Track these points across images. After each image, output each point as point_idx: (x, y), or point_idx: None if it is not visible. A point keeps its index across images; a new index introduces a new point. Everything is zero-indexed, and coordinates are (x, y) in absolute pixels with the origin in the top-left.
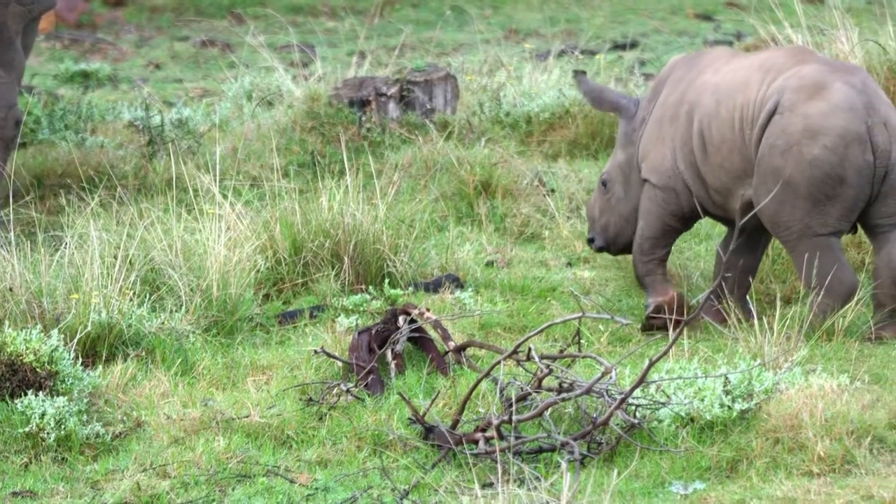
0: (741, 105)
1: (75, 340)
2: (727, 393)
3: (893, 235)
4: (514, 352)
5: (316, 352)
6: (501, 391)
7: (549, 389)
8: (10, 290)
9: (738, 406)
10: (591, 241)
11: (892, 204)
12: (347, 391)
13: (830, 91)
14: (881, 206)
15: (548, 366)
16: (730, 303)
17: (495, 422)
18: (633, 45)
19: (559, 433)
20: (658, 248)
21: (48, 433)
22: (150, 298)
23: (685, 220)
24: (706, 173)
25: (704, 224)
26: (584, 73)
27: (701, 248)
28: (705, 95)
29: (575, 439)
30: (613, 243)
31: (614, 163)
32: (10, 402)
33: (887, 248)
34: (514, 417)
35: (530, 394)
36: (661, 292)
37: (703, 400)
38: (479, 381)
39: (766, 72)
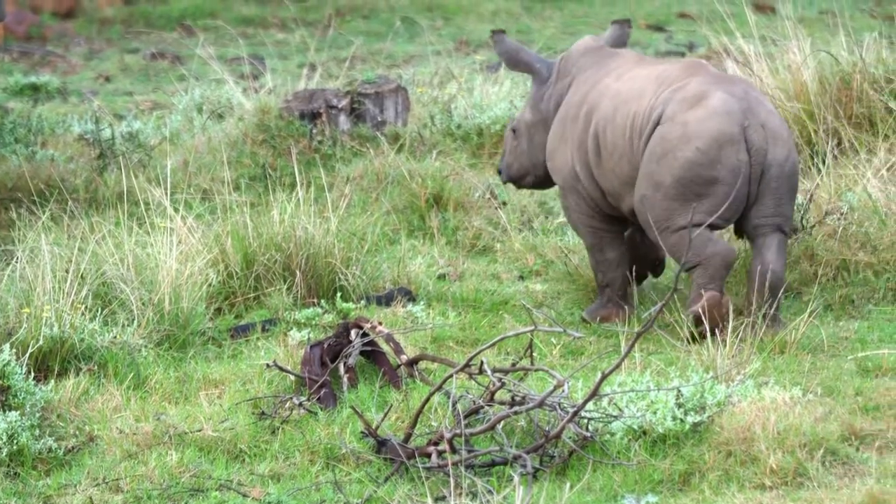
0: (633, 114)
1: (27, 355)
2: (679, 406)
3: (769, 240)
4: (467, 365)
5: (268, 365)
6: (454, 404)
7: (502, 403)
8: None
9: (690, 419)
10: (499, 171)
11: (769, 205)
12: (300, 405)
13: (709, 100)
14: (759, 206)
15: (500, 379)
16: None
17: (448, 435)
18: None
19: (512, 446)
20: (604, 252)
21: (0, 448)
22: (101, 312)
23: (608, 219)
24: (599, 176)
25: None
26: (502, 31)
27: None
28: (605, 100)
29: (527, 452)
30: (515, 182)
31: (523, 118)
32: None
33: (762, 255)
34: (467, 431)
35: (483, 407)
36: (598, 313)
37: (655, 413)
38: (431, 395)
39: (660, 84)
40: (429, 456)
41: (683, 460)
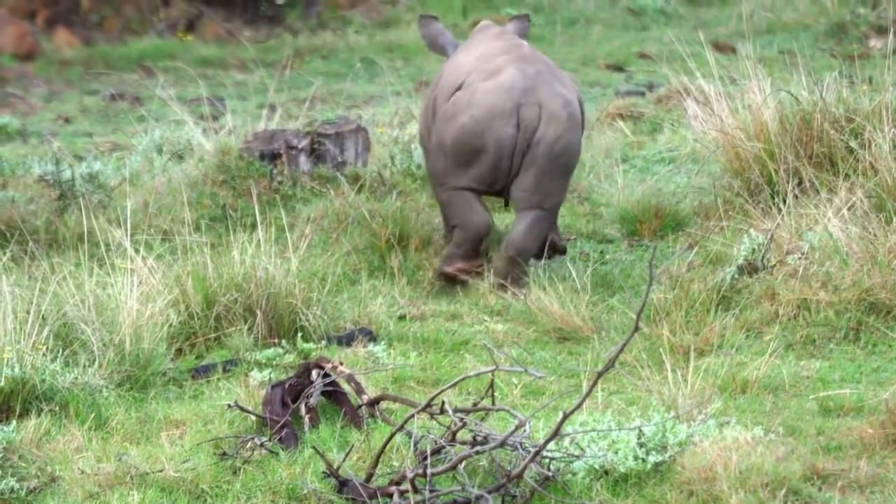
0: (454, 83)
1: None
2: (641, 445)
3: (524, 216)
4: (428, 405)
5: (229, 406)
6: (415, 444)
7: (464, 442)
8: None
9: (652, 458)
10: None
11: (531, 179)
12: (261, 445)
13: (502, 74)
14: (522, 178)
15: (462, 419)
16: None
17: (409, 475)
18: None
19: (473, 486)
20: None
21: None
22: (63, 353)
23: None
24: (433, 135)
25: (618, 275)
26: (433, 17)
27: (613, 301)
28: (447, 68)
29: (489, 492)
30: None
31: None
32: None
33: (513, 229)
34: (429, 471)
35: (444, 447)
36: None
37: (617, 452)
38: (392, 435)
39: (479, 59)
40: (391, 496)
41: (645, 500)
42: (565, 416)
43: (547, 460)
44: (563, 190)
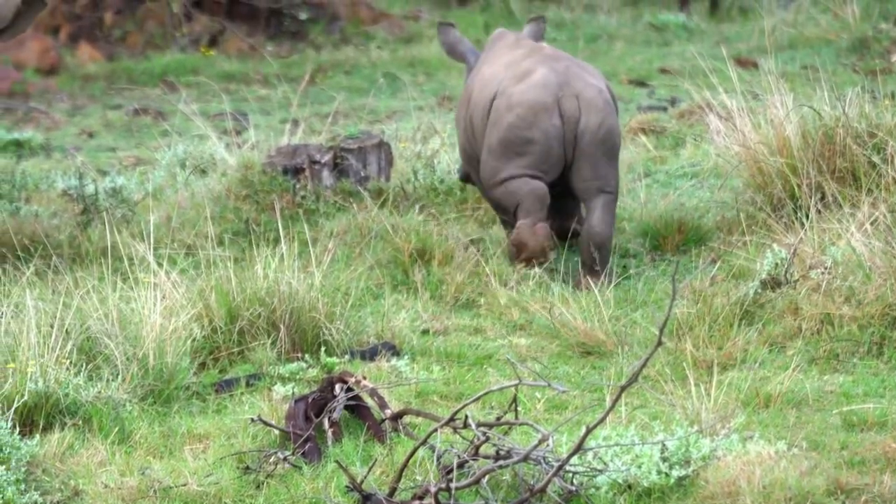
0: (487, 97)
1: (12, 410)
2: (664, 460)
3: (593, 204)
4: (451, 419)
5: (253, 420)
6: (439, 459)
7: (487, 457)
8: None
9: (675, 473)
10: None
11: (587, 169)
12: (285, 459)
13: (533, 75)
14: (578, 170)
15: (485, 433)
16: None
17: (433, 489)
18: None
19: (497, 501)
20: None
21: None
22: (86, 367)
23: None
24: (475, 148)
25: (641, 290)
26: (451, 24)
27: (637, 315)
28: (476, 84)
29: None
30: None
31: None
32: None
33: (588, 220)
34: (452, 485)
35: (467, 461)
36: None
37: (640, 467)
38: (416, 449)
39: (507, 66)
40: None
41: None
42: (588, 431)
43: (570, 475)
44: (616, 171)
